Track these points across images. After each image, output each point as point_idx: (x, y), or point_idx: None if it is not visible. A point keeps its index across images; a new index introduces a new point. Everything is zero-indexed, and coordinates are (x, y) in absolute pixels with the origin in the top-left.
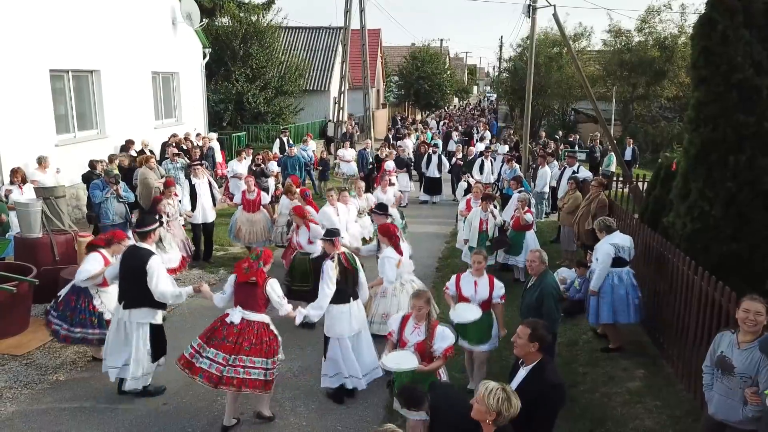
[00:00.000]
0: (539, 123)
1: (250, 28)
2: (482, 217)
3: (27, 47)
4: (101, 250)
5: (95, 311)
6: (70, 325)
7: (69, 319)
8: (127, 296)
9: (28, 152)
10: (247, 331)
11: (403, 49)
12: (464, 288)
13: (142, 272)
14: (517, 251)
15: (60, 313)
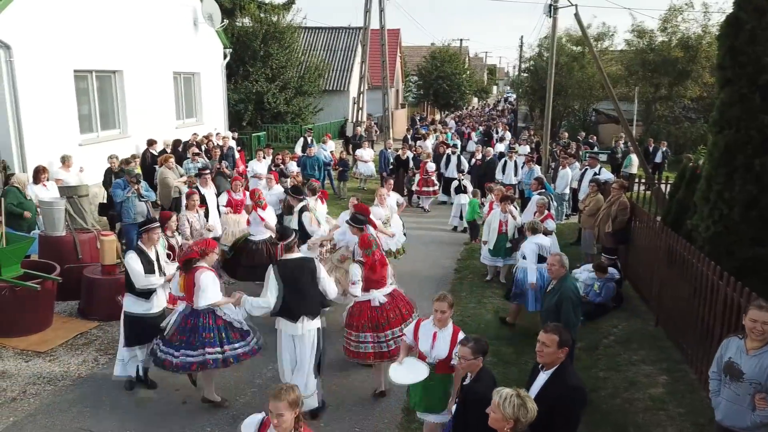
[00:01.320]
0: (559, 123)
1: (270, 29)
2: (501, 219)
3: (52, 48)
4: (202, 264)
5: (221, 324)
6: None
7: (191, 343)
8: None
9: (53, 151)
10: (395, 301)
11: (422, 49)
12: (421, 340)
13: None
14: None
15: (183, 344)
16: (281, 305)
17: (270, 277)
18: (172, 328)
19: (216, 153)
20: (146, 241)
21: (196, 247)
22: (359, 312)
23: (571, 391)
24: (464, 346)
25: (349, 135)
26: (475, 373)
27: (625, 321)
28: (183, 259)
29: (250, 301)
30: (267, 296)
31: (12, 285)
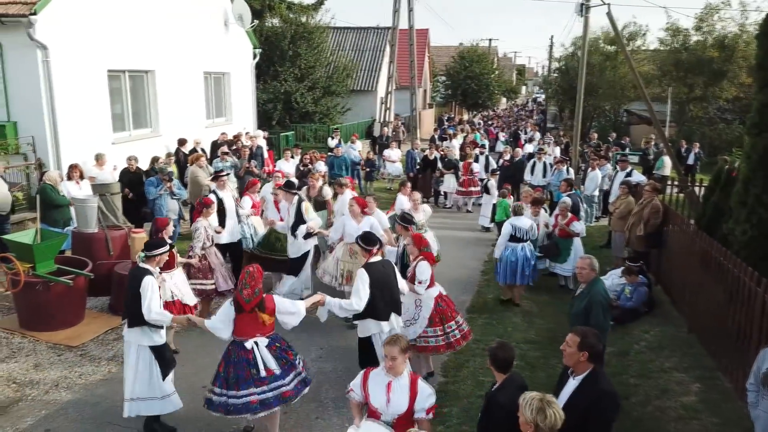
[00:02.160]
0: (589, 124)
1: (299, 29)
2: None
3: (87, 48)
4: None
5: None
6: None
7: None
8: (128, 316)
9: (87, 149)
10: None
11: (450, 49)
12: (373, 394)
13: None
14: (563, 258)
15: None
16: (372, 307)
17: (361, 281)
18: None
19: (245, 152)
20: (153, 264)
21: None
22: (445, 303)
23: (603, 396)
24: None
25: (376, 135)
26: (500, 382)
27: (656, 327)
28: (253, 305)
29: (339, 303)
30: (358, 298)
31: (46, 280)
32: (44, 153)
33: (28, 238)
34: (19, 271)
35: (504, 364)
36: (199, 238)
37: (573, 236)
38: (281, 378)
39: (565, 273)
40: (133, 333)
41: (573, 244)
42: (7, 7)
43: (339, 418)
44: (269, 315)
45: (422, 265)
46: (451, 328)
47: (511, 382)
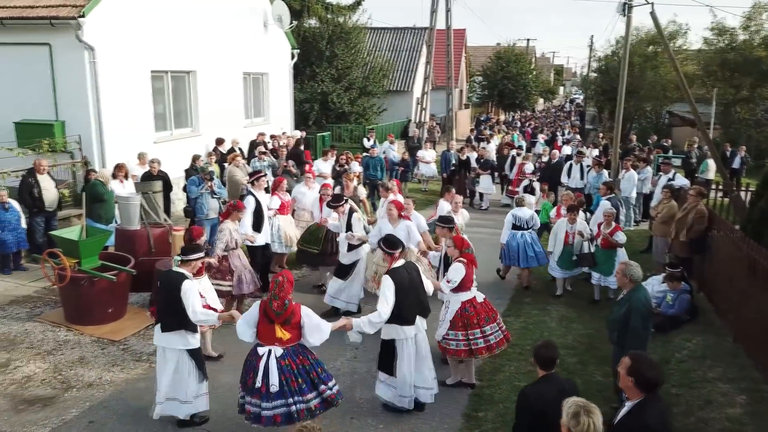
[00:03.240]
0: (629, 126)
1: (337, 29)
2: (568, 230)
3: (132, 50)
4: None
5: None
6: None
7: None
8: (163, 320)
9: (130, 148)
10: (484, 303)
11: (487, 49)
12: None
13: (177, 297)
14: (608, 270)
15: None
16: (397, 312)
17: (387, 287)
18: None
19: (282, 152)
20: (190, 270)
21: (288, 296)
22: (476, 310)
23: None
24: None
25: (411, 136)
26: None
27: (699, 335)
28: (284, 318)
29: (368, 320)
30: (386, 306)
31: (91, 276)
32: (89, 151)
33: (74, 234)
34: (66, 266)
35: (545, 361)
36: (222, 240)
37: (616, 246)
38: (282, 397)
39: (612, 285)
40: (167, 337)
41: (617, 255)
42: (57, 9)
43: (374, 418)
44: (292, 328)
45: (456, 266)
46: (475, 335)
47: (547, 380)
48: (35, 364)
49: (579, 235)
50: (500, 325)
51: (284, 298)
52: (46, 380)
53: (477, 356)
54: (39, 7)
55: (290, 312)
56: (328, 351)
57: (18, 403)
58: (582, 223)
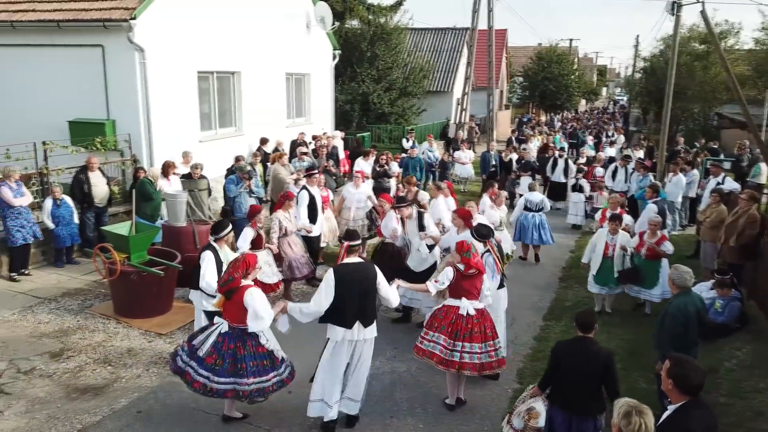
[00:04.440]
0: (676, 128)
1: (378, 30)
2: (608, 241)
3: (179, 51)
4: (247, 282)
5: (264, 352)
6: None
7: (241, 371)
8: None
9: (176, 147)
10: (483, 318)
11: (528, 50)
12: None
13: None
14: (650, 283)
15: (217, 368)
16: (334, 310)
17: (326, 281)
18: (209, 347)
19: (322, 152)
20: (221, 244)
21: (236, 273)
22: (444, 315)
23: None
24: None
25: (451, 136)
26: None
27: (749, 344)
28: (225, 290)
29: (299, 308)
30: (319, 300)
31: (139, 270)
32: (138, 150)
33: (124, 229)
34: (116, 260)
35: (581, 324)
36: (275, 229)
37: (662, 257)
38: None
39: (654, 299)
40: (195, 294)
41: (662, 266)
42: (110, 12)
43: (413, 418)
44: (235, 306)
45: (446, 269)
46: (462, 348)
47: (582, 341)
48: (86, 354)
49: (622, 249)
50: (495, 347)
51: (231, 273)
52: (97, 370)
53: (451, 370)
54: (93, 10)
55: (233, 286)
56: None
57: (71, 392)
58: (624, 236)
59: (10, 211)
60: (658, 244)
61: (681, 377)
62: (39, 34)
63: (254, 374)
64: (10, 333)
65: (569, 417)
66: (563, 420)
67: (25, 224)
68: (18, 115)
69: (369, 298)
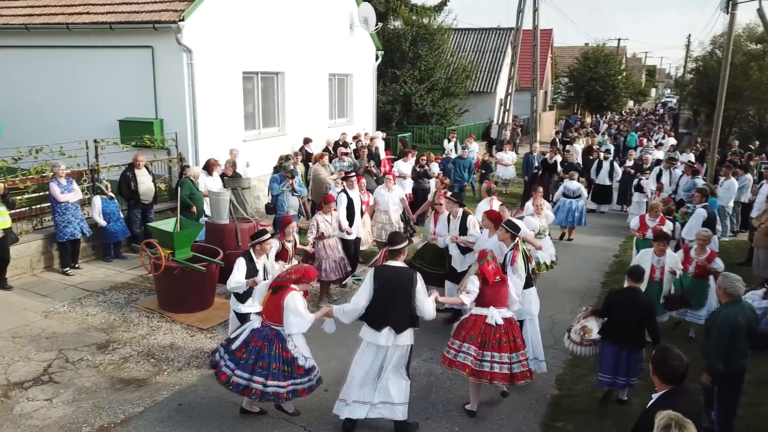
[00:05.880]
0: (729, 130)
1: (421, 31)
2: (654, 263)
3: (225, 52)
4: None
5: (287, 357)
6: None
7: (260, 369)
8: None
9: (221, 146)
10: (511, 327)
11: (574, 50)
12: None
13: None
14: (698, 305)
15: (242, 362)
16: (368, 311)
17: (365, 280)
18: (240, 341)
19: (363, 153)
20: (258, 252)
21: (293, 275)
22: (473, 324)
23: None
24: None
25: (493, 137)
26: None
27: None
28: (275, 284)
29: (342, 309)
30: (357, 300)
31: (183, 266)
32: (184, 148)
33: (169, 226)
34: (161, 256)
35: (632, 275)
36: (311, 230)
37: (713, 274)
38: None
39: (699, 321)
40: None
41: (710, 285)
42: (159, 14)
43: (449, 420)
44: (276, 304)
45: (471, 278)
46: (491, 358)
47: (632, 291)
48: (131, 346)
49: (671, 273)
50: (525, 357)
51: (289, 273)
52: (140, 363)
53: (483, 380)
54: (143, 12)
55: (283, 284)
56: None
57: (116, 383)
58: (672, 257)
59: (58, 206)
60: (709, 261)
61: (661, 365)
62: (92, 35)
63: (273, 377)
64: (60, 324)
65: (617, 349)
66: (612, 351)
67: (73, 220)
68: (72, 114)
69: (403, 304)
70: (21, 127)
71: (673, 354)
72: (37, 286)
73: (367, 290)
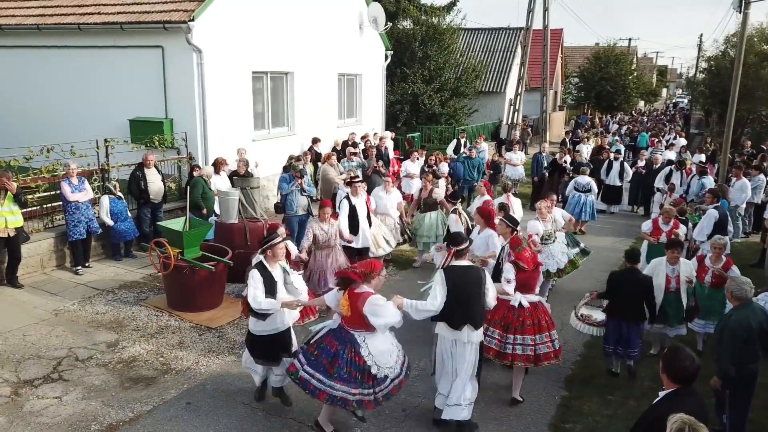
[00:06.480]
0: (741, 130)
1: (430, 30)
2: (668, 273)
3: (235, 52)
4: (367, 290)
5: (360, 363)
6: (327, 378)
7: (327, 370)
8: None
9: (230, 146)
10: (536, 310)
11: (585, 50)
12: None
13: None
14: (715, 315)
15: (313, 359)
16: (445, 311)
17: (437, 281)
18: (317, 338)
19: (372, 152)
20: (270, 258)
21: (359, 268)
22: (496, 308)
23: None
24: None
25: (503, 137)
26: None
27: None
28: (340, 274)
29: (414, 305)
30: (435, 300)
31: (192, 265)
32: (194, 148)
33: (178, 225)
34: (170, 255)
35: (629, 257)
36: (307, 236)
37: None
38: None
39: (705, 329)
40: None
41: (724, 296)
42: (170, 14)
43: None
44: (354, 307)
45: (507, 266)
46: (513, 341)
47: (631, 270)
48: (140, 345)
49: (688, 282)
50: (552, 338)
51: (354, 267)
52: (149, 361)
53: (505, 362)
54: (154, 12)
55: (349, 276)
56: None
57: (124, 381)
58: (686, 265)
59: (69, 205)
60: (725, 269)
61: (671, 364)
62: (103, 36)
63: (344, 381)
64: (70, 322)
65: (620, 323)
66: (615, 325)
67: (83, 219)
68: (83, 114)
69: (477, 300)
70: (32, 127)
71: (685, 354)
72: (47, 284)
73: (441, 291)
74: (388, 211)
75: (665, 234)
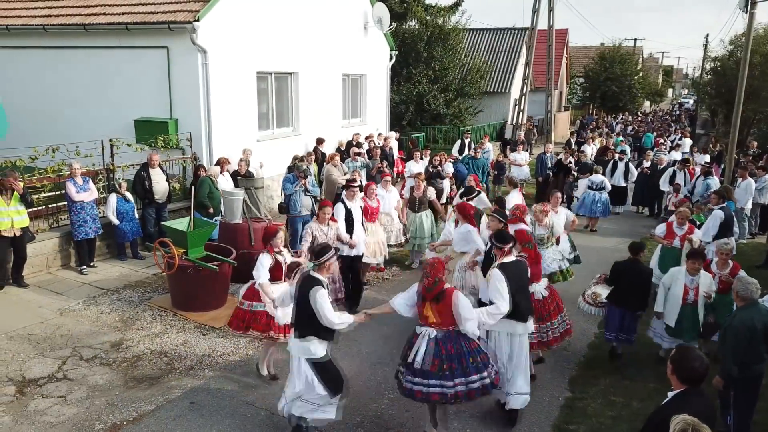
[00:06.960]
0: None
1: (435, 31)
2: (687, 283)
3: (239, 52)
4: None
5: (477, 347)
6: (464, 377)
7: (462, 370)
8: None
9: (235, 146)
10: (553, 294)
11: (590, 50)
12: None
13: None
14: (722, 320)
15: (447, 373)
16: (513, 306)
17: (498, 281)
18: (427, 358)
19: (376, 153)
20: (325, 271)
21: (440, 274)
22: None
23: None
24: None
25: (508, 137)
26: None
27: None
28: (433, 294)
29: (484, 311)
30: (503, 300)
31: (196, 265)
32: (199, 148)
33: (183, 225)
34: (174, 255)
35: (632, 250)
36: (306, 238)
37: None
38: (432, 377)
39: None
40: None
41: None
42: (175, 15)
43: (459, 422)
44: (442, 310)
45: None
46: (549, 327)
47: (633, 261)
48: (144, 344)
49: (706, 297)
50: (564, 319)
51: (435, 275)
52: (153, 360)
53: (543, 349)
54: (159, 12)
55: (440, 290)
56: None
57: (128, 380)
58: (707, 278)
59: (74, 205)
60: (733, 274)
61: (680, 365)
62: (108, 36)
63: (476, 370)
64: (75, 322)
65: (621, 311)
66: (616, 313)
67: (88, 219)
68: (88, 114)
69: (528, 292)
70: (38, 127)
71: (694, 355)
72: (52, 284)
73: (505, 290)
74: (388, 209)
75: (679, 238)
